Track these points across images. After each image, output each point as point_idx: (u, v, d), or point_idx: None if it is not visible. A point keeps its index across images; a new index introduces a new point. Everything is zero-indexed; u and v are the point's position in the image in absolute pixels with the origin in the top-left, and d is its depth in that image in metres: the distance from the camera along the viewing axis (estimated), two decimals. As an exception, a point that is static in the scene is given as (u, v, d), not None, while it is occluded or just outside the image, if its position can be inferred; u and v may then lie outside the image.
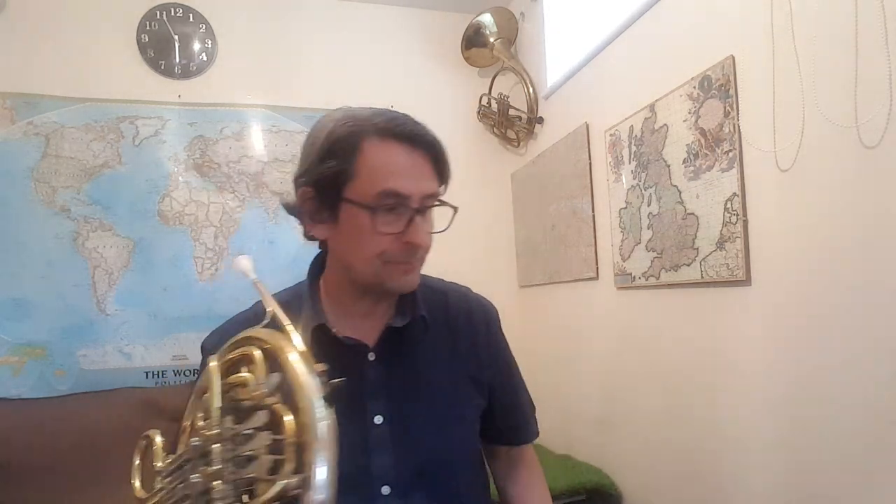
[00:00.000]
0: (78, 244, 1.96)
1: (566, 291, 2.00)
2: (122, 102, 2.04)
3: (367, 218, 0.68)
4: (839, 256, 0.98)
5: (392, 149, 0.70)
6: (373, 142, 0.70)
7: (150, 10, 2.08)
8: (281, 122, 2.22)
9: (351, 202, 0.69)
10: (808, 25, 1.02)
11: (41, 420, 1.73)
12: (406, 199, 0.69)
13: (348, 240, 0.72)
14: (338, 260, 0.77)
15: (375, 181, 0.68)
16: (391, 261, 0.71)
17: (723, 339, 1.27)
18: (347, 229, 0.71)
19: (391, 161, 0.69)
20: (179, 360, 2.04)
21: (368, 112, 0.73)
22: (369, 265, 0.71)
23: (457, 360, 0.82)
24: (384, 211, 0.69)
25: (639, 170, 1.53)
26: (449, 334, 0.83)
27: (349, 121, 0.71)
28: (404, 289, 0.75)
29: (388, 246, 0.70)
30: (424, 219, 0.72)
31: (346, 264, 0.74)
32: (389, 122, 0.71)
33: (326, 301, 0.79)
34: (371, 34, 2.35)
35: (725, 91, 1.21)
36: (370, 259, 0.71)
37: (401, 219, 0.70)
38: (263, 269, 0.70)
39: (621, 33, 1.62)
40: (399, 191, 0.68)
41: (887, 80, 0.88)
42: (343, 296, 0.78)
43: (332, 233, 0.74)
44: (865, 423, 0.95)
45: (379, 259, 0.71)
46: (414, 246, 0.71)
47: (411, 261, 0.73)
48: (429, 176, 0.72)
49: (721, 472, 1.28)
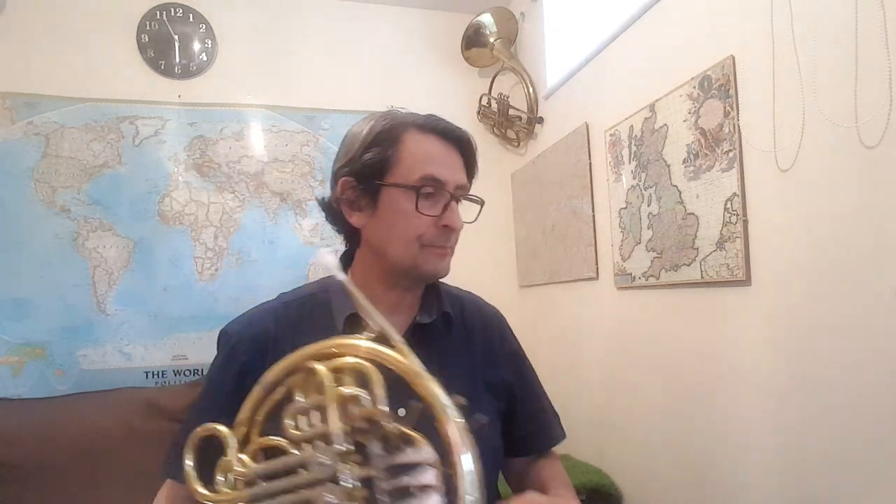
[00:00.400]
0: (78, 244, 1.96)
1: (566, 291, 2.00)
2: (122, 102, 2.04)
3: (408, 200, 0.74)
4: (839, 256, 0.98)
5: (430, 141, 0.76)
6: (412, 134, 0.76)
7: (150, 10, 2.08)
8: (281, 122, 2.22)
9: (393, 185, 0.74)
10: (808, 25, 1.02)
11: (41, 420, 1.73)
12: (444, 185, 0.75)
13: (387, 225, 0.76)
14: (372, 249, 0.79)
15: (416, 167, 0.74)
16: (428, 244, 0.75)
17: (723, 339, 1.27)
18: (387, 214, 0.75)
19: (430, 150, 0.76)
20: (179, 360, 2.05)
21: (406, 112, 0.80)
22: (407, 248, 0.75)
23: (473, 362, 0.83)
24: (423, 195, 0.74)
25: (639, 170, 1.53)
26: (466, 337, 0.85)
27: (390, 118, 0.78)
28: (438, 274, 0.79)
29: (426, 229, 0.74)
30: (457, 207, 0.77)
31: (382, 251, 0.77)
32: (427, 119, 0.78)
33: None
34: (371, 34, 2.35)
35: (725, 91, 1.21)
36: (409, 242, 0.75)
37: (438, 204, 0.75)
38: (263, 270, 0.70)
39: (621, 33, 1.62)
40: (438, 177, 0.74)
41: (887, 80, 0.88)
42: (371, 288, 0.78)
43: (369, 220, 0.77)
44: (865, 423, 0.95)
45: (417, 242, 0.75)
46: (450, 229, 0.76)
47: (446, 245, 0.77)
48: (461, 169, 0.79)
49: (721, 472, 1.28)
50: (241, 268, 2.11)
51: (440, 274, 0.79)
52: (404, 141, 0.75)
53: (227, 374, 0.75)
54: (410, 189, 0.73)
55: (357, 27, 2.34)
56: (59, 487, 1.63)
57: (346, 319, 0.75)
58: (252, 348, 0.76)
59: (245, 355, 0.75)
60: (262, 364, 0.73)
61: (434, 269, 0.77)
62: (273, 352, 0.75)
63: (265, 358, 0.74)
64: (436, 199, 0.75)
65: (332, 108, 2.28)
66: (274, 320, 0.78)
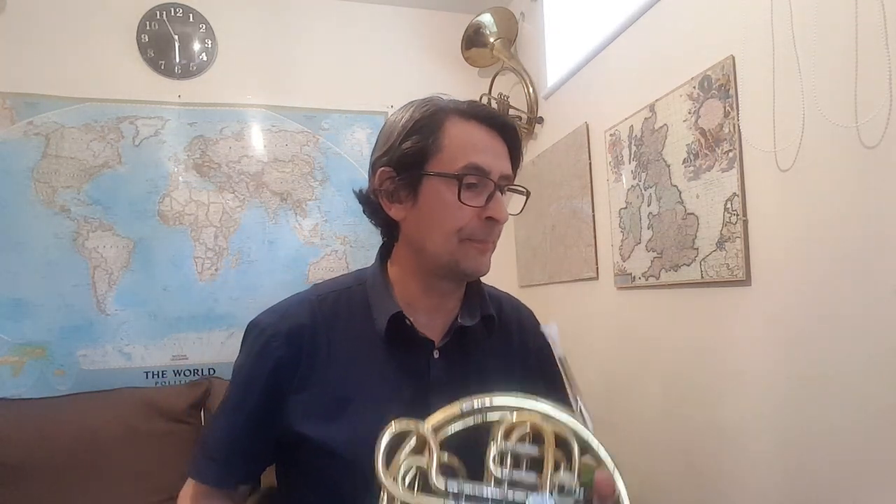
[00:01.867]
0: (78, 244, 1.96)
1: (566, 291, 2.00)
2: (122, 102, 2.04)
3: (450, 190, 0.69)
4: (839, 256, 0.98)
5: (473, 127, 0.72)
6: (455, 121, 0.72)
7: (150, 10, 2.08)
8: (281, 122, 2.22)
9: (435, 175, 0.70)
10: (808, 25, 1.02)
11: (41, 420, 1.73)
12: (488, 174, 0.70)
13: (427, 217, 0.72)
14: (410, 243, 0.75)
15: (459, 155, 0.70)
16: (469, 238, 0.71)
17: (723, 339, 1.27)
18: (428, 205, 0.71)
19: (473, 137, 0.72)
20: (179, 360, 2.05)
21: (448, 99, 0.75)
22: (447, 242, 0.71)
23: (509, 364, 0.82)
24: (466, 186, 0.70)
25: (639, 170, 1.53)
26: (505, 339, 0.83)
27: (430, 105, 0.73)
28: (478, 272, 0.75)
29: (468, 221, 0.70)
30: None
31: (421, 246, 0.73)
32: (470, 105, 0.74)
33: (394, 289, 0.77)
34: (371, 34, 2.35)
35: (725, 91, 1.21)
36: (449, 235, 0.71)
37: (481, 195, 0.71)
38: (263, 270, 0.70)
39: (621, 33, 1.62)
40: (482, 166, 0.70)
41: (887, 80, 0.88)
42: (411, 286, 0.77)
43: (409, 212, 0.73)
44: (865, 423, 0.95)
45: (457, 235, 0.71)
46: (493, 222, 0.71)
47: (487, 240, 0.73)
48: (506, 157, 0.74)
49: (721, 473, 1.28)
50: (241, 268, 2.10)
51: (480, 272, 0.75)
52: (446, 128, 0.71)
53: (261, 370, 0.72)
54: (452, 178, 0.69)
55: (357, 27, 2.34)
56: (59, 487, 1.63)
57: (390, 320, 0.72)
58: (288, 342, 0.72)
59: (280, 350, 0.71)
60: (298, 360, 0.71)
61: (475, 267, 0.73)
62: (309, 347, 0.72)
63: (300, 353, 0.71)
64: (479, 190, 0.71)
65: (332, 108, 2.28)
66: (310, 314, 0.75)
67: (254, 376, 0.72)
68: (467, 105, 0.73)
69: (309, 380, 0.72)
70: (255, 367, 0.73)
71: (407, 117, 0.73)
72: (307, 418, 0.70)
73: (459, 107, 0.73)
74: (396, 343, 0.73)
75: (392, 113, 0.77)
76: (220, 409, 0.75)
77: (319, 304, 0.76)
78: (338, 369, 0.72)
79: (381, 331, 0.72)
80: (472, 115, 0.72)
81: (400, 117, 0.74)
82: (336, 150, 2.27)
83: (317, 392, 0.71)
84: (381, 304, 0.74)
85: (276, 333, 0.72)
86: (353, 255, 2.23)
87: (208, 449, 0.74)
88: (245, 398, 0.73)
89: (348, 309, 0.76)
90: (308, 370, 0.72)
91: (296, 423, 0.70)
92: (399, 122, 0.73)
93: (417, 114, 0.72)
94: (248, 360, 0.74)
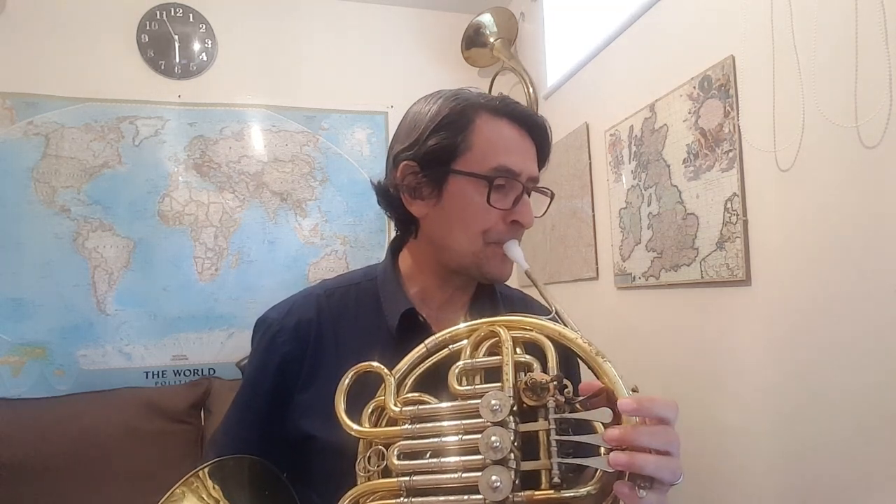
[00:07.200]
0: (78, 244, 1.96)
1: (566, 291, 2.00)
2: (122, 102, 2.04)
3: (479, 192, 0.67)
4: (839, 256, 0.98)
5: (504, 126, 0.70)
6: (486, 118, 0.69)
7: (150, 10, 2.08)
8: (281, 122, 2.22)
9: (463, 174, 0.68)
10: (808, 25, 1.02)
11: (41, 420, 1.73)
12: (517, 176, 0.68)
13: (451, 216, 0.69)
14: (431, 241, 0.73)
15: (489, 155, 0.68)
16: (494, 241, 0.70)
17: (723, 338, 1.27)
18: (453, 204, 0.69)
19: (505, 137, 0.69)
20: (179, 360, 2.04)
21: (477, 93, 0.72)
22: (471, 244, 0.69)
23: None
24: (495, 187, 0.67)
25: (639, 170, 1.53)
26: None
27: (459, 99, 0.70)
28: (500, 279, 0.73)
29: (494, 224, 0.69)
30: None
31: (442, 245, 0.72)
32: (501, 103, 0.70)
33: (406, 285, 0.76)
34: (371, 34, 2.35)
35: (725, 91, 1.21)
36: (473, 237, 0.69)
37: (508, 197, 0.69)
38: (263, 270, 0.70)
39: (621, 33, 1.62)
40: (512, 168, 0.68)
41: (887, 80, 0.88)
42: (425, 281, 0.75)
43: (431, 210, 0.71)
44: (865, 422, 0.95)
45: (482, 238, 0.69)
46: (519, 225, 0.70)
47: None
48: (534, 159, 0.72)
49: (721, 472, 1.28)
50: (241, 268, 2.10)
51: (503, 278, 0.73)
52: (477, 126, 0.68)
53: (268, 367, 0.71)
54: (482, 179, 0.66)
55: (357, 27, 2.34)
56: (59, 487, 1.63)
57: (402, 316, 0.70)
58: (293, 338, 0.71)
59: (286, 345, 0.71)
60: (304, 355, 0.70)
61: (498, 272, 0.72)
62: (315, 342, 0.71)
63: (306, 349, 0.71)
64: (507, 192, 0.68)
65: (332, 108, 2.28)
66: (316, 309, 0.74)
67: (262, 373, 0.72)
68: (499, 101, 0.70)
69: (316, 375, 0.71)
70: (263, 362, 0.72)
71: (434, 111, 0.70)
72: (314, 416, 0.69)
73: (491, 103, 0.70)
74: (407, 338, 0.72)
75: (415, 104, 0.74)
76: (232, 407, 0.75)
77: (327, 298, 0.75)
78: (346, 365, 0.72)
79: (393, 327, 0.71)
80: (503, 112, 0.70)
81: (427, 110, 0.71)
82: (336, 150, 2.27)
83: (324, 388, 0.70)
84: (392, 299, 0.73)
85: (282, 328, 0.72)
86: (353, 255, 2.23)
87: (218, 446, 0.74)
88: (254, 395, 0.73)
89: (357, 304, 0.75)
90: (314, 365, 0.71)
91: (303, 421, 0.70)
92: (426, 115, 0.70)
93: (446, 108, 0.69)
94: (256, 357, 0.74)
